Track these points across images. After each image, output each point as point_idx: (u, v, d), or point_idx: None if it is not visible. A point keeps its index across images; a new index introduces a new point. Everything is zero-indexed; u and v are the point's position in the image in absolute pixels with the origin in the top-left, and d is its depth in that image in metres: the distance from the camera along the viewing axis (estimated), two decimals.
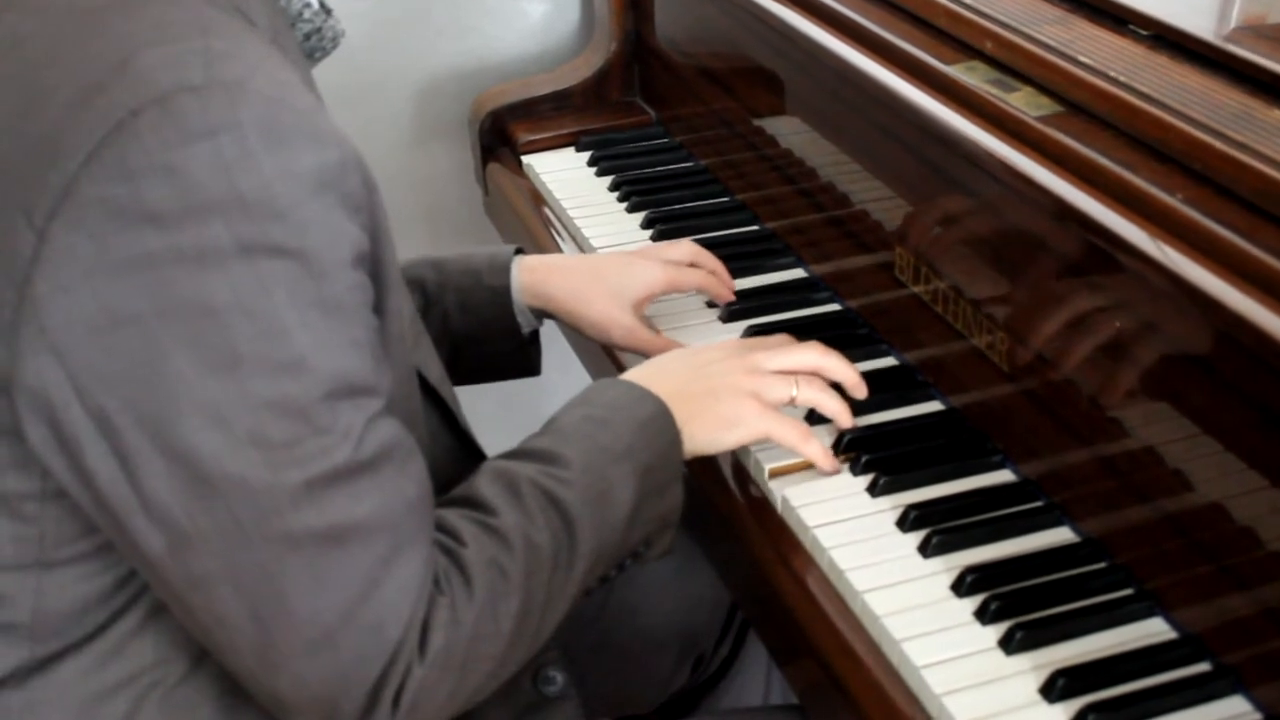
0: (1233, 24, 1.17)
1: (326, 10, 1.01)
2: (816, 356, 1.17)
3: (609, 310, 1.30)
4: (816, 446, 1.14)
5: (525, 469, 0.99)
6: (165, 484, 0.81)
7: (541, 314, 1.34)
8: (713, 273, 1.36)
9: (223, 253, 0.78)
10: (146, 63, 0.79)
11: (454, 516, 0.95)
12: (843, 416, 1.17)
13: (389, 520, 0.86)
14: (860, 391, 1.19)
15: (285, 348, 0.80)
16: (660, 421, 1.06)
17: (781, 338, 1.22)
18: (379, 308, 0.90)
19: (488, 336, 1.32)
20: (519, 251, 1.35)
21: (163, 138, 0.77)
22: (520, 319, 1.33)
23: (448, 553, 0.92)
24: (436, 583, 0.89)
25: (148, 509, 0.81)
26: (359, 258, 0.85)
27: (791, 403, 1.14)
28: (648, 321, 1.34)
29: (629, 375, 1.13)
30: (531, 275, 1.32)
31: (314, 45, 1.00)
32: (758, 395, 1.12)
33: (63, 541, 0.87)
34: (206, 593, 0.84)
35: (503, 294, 1.31)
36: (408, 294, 1.05)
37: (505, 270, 1.32)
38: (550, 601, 0.96)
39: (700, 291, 1.39)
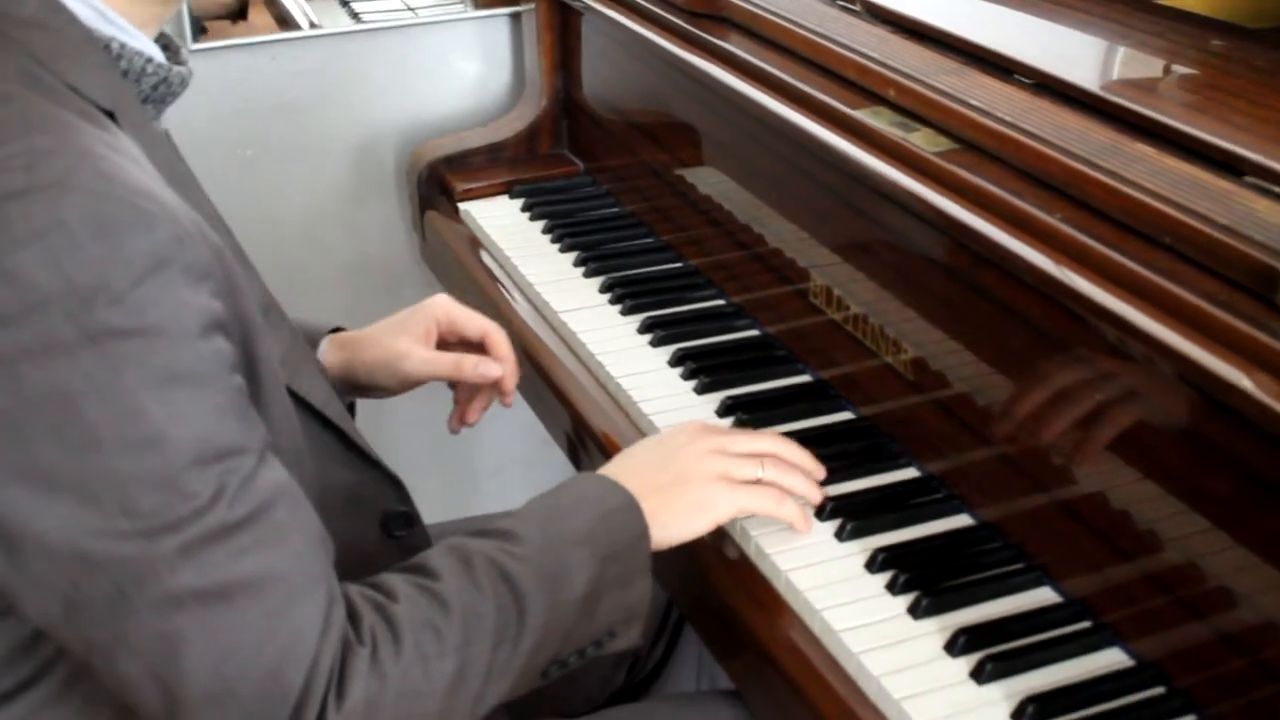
0: (1112, 78, 1.32)
1: (176, 58, 1.05)
2: (777, 443, 1.21)
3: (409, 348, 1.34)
4: (791, 508, 1.17)
5: (481, 544, 1.02)
6: (48, 565, 0.84)
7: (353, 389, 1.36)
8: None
9: (69, 343, 0.81)
10: None
11: (395, 578, 0.98)
12: (812, 493, 1.20)
13: (275, 573, 0.88)
14: (820, 473, 1.23)
15: (142, 425, 0.83)
16: (627, 514, 1.08)
17: (740, 430, 1.27)
18: (249, 358, 0.93)
19: None
20: (336, 330, 1.38)
21: None
22: None
23: (377, 608, 0.94)
24: (358, 633, 0.92)
25: (37, 586, 0.85)
26: (211, 325, 0.87)
27: (757, 482, 1.17)
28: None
29: (602, 470, 1.15)
30: (341, 353, 1.35)
31: (163, 93, 1.02)
32: (726, 475, 1.15)
33: None
34: (105, 657, 0.87)
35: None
36: (285, 324, 1.09)
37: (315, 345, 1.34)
38: (492, 672, 0.97)
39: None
